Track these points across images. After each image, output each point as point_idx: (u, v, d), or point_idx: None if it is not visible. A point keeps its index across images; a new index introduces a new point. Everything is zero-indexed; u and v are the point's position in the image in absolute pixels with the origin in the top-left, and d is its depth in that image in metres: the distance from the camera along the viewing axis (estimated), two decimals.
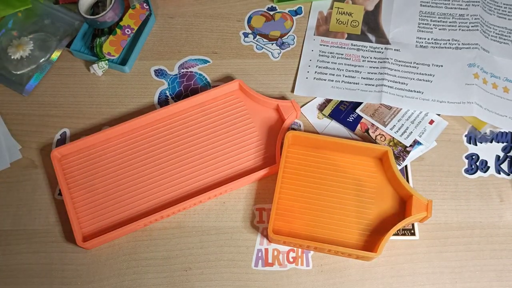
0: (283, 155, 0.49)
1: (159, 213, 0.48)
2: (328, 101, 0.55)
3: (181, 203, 0.48)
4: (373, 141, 0.52)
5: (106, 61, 0.57)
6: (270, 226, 0.46)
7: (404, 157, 0.51)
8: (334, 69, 0.57)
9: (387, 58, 0.57)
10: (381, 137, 0.52)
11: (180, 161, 0.51)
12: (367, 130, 0.53)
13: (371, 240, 0.47)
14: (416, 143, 0.52)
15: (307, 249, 0.47)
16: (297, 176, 0.50)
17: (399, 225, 0.46)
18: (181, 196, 0.50)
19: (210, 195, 0.49)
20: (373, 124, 0.53)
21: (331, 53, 0.58)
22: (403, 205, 0.49)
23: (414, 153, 0.52)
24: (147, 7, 0.59)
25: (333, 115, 0.54)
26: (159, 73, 0.58)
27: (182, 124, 0.53)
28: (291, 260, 0.48)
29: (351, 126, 0.53)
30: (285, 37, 0.60)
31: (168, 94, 0.57)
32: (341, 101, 0.55)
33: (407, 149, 0.52)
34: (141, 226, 0.49)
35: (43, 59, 0.58)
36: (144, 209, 0.49)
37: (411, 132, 0.52)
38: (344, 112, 0.54)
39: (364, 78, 0.56)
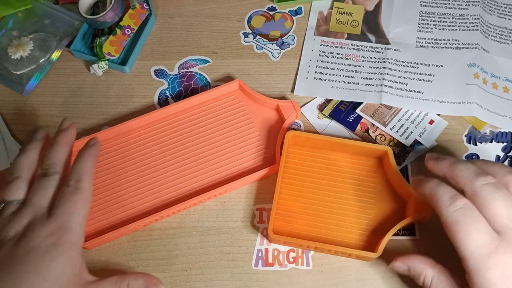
0: (283, 155, 0.49)
1: (159, 213, 0.48)
2: (328, 101, 0.55)
3: (181, 203, 0.48)
4: (373, 141, 0.52)
5: (106, 61, 0.57)
6: (270, 226, 0.46)
7: (404, 157, 0.51)
8: (334, 69, 0.57)
9: (387, 58, 0.57)
10: (381, 137, 0.52)
11: (180, 161, 0.51)
12: (367, 130, 0.53)
13: (371, 240, 0.47)
14: (416, 143, 0.52)
15: (307, 249, 0.47)
16: (297, 176, 0.50)
17: (399, 225, 0.46)
18: (181, 196, 0.50)
19: (210, 195, 0.49)
20: (373, 124, 0.53)
21: (331, 53, 0.58)
22: (403, 205, 0.49)
23: (414, 153, 0.52)
24: (147, 7, 0.59)
25: (333, 115, 0.54)
26: (159, 73, 0.58)
27: (182, 124, 0.53)
28: (291, 260, 0.48)
29: (351, 126, 0.53)
30: (285, 37, 0.60)
31: (168, 94, 0.57)
32: (341, 101, 0.55)
33: (407, 149, 0.52)
34: (141, 226, 0.49)
35: (43, 59, 0.58)
36: (144, 209, 0.49)
37: (411, 132, 0.52)
38: (344, 112, 0.54)
39: (364, 78, 0.56)
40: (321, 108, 0.55)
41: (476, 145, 0.53)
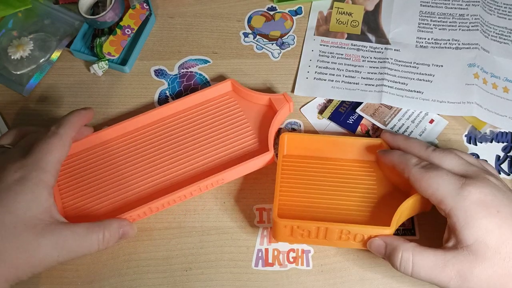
0: (280, 157, 0.48)
1: (148, 204, 0.47)
2: (328, 101, 0.55)
3: (177, 190, 0.47)
4: None
5: (106, 61, 0.57)
6: (274, 211, 0.44)
7: None
8: (334, 69, 0.57)
9: (387, 58, 0.57)
10: None
11: (174, 160, 0.51)
12: (367, 132, 0.53)
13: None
14: None
15: (315, 238, 0.45)
16: (296, 173, 0.49)
17: (410, 199, 0.44)
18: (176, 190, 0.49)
19: (201, 186, 0.48)
20: (373, 124, 0.53)
21: (331, 53, 0.58)
22: (405, 199, 0.48)
23: None
24: (147, 7, 0.59)
25: (333, 118, 0.54)
26: (159, 73, 0.58)
27: (176, 125, 0.53)
28: (291, 260, 0.48)
29: (351, 128, 0.53)
30: (285, 37, 0.60)
31: (168, 94, 0.57)
32: (341, 104, 0.55)
33: None
34: (142, 216, 0.48)
35: (43, 59, 0.58)
36: (144, 210, 0.49)
37: (412, 131, 0.52)
38: (343, 114, 0.54)
39: (364, 78, 0.56)
40: (321, 111, 0.55)
41: (476, 145, 0.53)
